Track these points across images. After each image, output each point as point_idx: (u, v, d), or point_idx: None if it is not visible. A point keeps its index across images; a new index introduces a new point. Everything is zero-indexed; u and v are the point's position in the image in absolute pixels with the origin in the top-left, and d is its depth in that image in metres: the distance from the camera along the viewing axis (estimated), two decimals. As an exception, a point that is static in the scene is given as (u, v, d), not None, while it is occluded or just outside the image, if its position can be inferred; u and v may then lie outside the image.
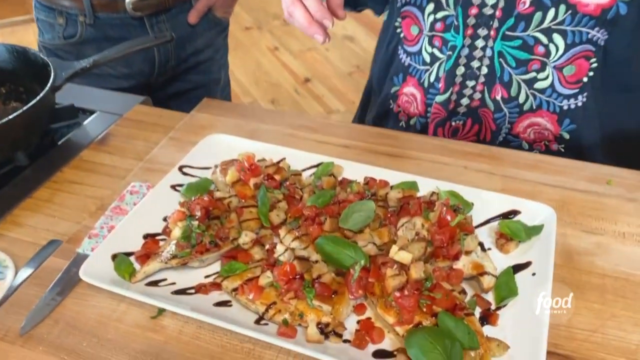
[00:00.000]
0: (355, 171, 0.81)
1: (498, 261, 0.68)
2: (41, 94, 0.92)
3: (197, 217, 0.68)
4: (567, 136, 0.93)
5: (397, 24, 1.01)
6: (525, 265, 0.67)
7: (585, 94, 0.88)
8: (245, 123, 0.97)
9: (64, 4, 1.40)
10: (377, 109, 1.14)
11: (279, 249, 0.65)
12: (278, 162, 0.84)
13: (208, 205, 0.69)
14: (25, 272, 0.73)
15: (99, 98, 1.14)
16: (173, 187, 0.80)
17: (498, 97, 0.92)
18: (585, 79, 0.87)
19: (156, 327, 0.62)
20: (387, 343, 0.60)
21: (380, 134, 0.94)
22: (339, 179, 0.81)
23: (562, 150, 0.94)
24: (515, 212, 0.74)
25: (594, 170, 0.84)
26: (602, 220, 0.75)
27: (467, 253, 0.66)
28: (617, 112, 0.89)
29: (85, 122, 1.06)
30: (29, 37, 4.51)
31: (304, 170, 0.84)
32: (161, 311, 0.63)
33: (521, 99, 0.91)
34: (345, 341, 0.60)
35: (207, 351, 0.60)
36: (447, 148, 0.89)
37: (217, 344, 0.60)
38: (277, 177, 0.78)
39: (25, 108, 0.87)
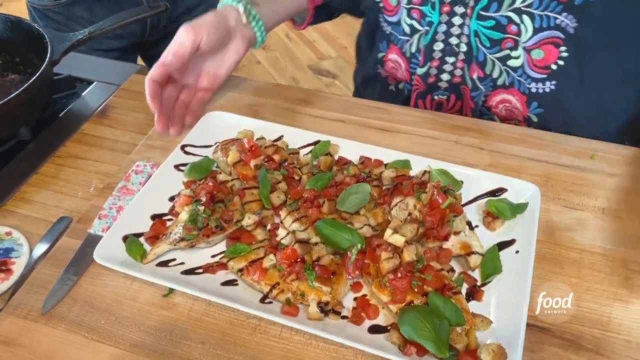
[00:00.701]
0: (350, 149, 0.85)
1: (484, 238, 0.73)
2: (40, 70, 0.93)
3: (202, 201, 0.71)
4: (535, 119, 0.97)
5: None
6: (510, 242, 0.73)
7: (553, 82, 0.90)
8: (243, 97, 0.99)
9: (53, -40, 1.37)
10: (365, 70, 1.15)
11: (281, 232, 0.69)
12: (276, 140, 0.87)
13: (212, 189, 0.73)
14: (39, 249, 0.77)
15: (95, 67, 1.15)
16: (177, 166, 0.83)
17: (474, 76, 0.95)
18: (554, 67, 0.89)
19: (168, 304, 0.67)
20: (382, 319, 0.65)
21: (375, 107, 0.96)
22: (336, 157, 0.84)
23: None
24: (502, 190, 0.78)
25: (578, 145, 0.88)
26: (583, 195, 0.80)
27: (456, 233, 0.71)
28: (601, 112, 0.92)
29: (84, 93, 1.07)
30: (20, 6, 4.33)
31: (301, 148, 0.87)
32: (172, 290, 0.68)
33: (495, 74, 0.94)
34: (344, 317, 0.65)
35: (217, 327, 0.65)
36: (438, 122, 0.93)
37: (225, 320, 0.66)
38: (276, 157, 0.81)
39: (26, 85, 0.89)
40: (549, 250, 0.73)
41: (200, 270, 0.70)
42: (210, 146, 0.86)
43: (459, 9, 0.90)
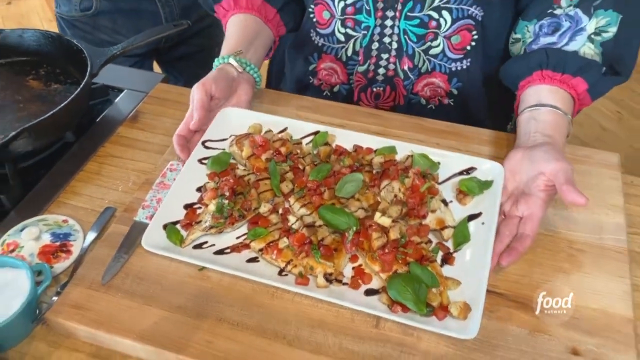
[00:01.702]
0: (345, 137, 1.02)
1: (457, 211, 0.90)
2: (83, 82, 1.09)
3: (226, 195, 0.88)
4: (455, 92, 1.17)
5: (310, 9, 1.19)
6: (478, 215, 0.89)
7: (469, 59, 1.12)
8: (253, 104, 1.15)
9: (81, -23, 1.53)
10: (294, 84, 1.33)
11: (292, 219, 0.86)
12: (282, 131, 1.03)
13: (233, 184, 0.90)
14: (91, 235, 0.94)
15: (125, 76, 1.31)
16: (200, 161, 0.99)
17: (405, 68, 1.15)
18: (468, 47, 1.10)
19: (203, 277, 0.84)
20: (375, 283, 0.82)
21: (370, 114, 1.14)
22: (333, 146, 1.01)
23: (452, 104, 1.19)
24: (472, 169, 0.96)
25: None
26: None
27: (433, 211, 0.89)
28: (495, 76, 1.11)
29: (116, 100, 1.23)
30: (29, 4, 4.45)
31: (303, 137, 1.03)
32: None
33: (420, 64, 1.14)
34: (344, 284, 0.82)
35: (242, 294, 0.81)
36: (423, 127, 1.09)
37: (249, 289, 0.82)
38: (283, 149, 0.98)
39: (72, 96, 1.05)
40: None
41: (229, 251, 0.86)
42: (226, 139, 1.02)
43: (390, 13, 1.09)
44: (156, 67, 1.83)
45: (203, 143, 1.01)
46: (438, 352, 0.75)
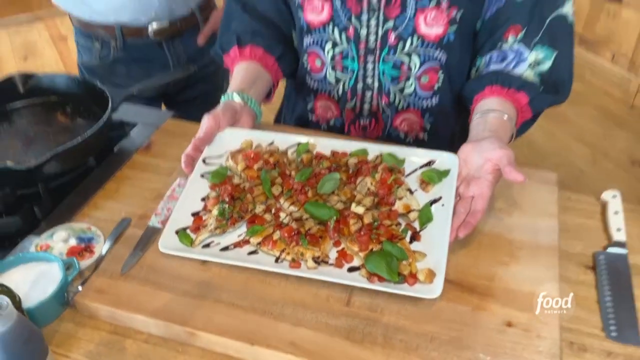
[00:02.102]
0: (324, 145, 1.21)
1: (421, 197, 1.08)
2: (105, 116, 1.27)
3: (226, 201, 1.06)
4: (428, 126, 1.37)
5: (304, 59, 1.41)
6: (438, 199, 1.07)
7: (437, 96, 1.33)
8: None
9: (100, 32, 1.77)
10: (294, 121, 1.54)
11: (282, 215, 1.05)
12: (270, 144, 1.22)
13: (232, 191, 1.08)
14: (111, 239, 1.11)
15: (138, 112, 1.51)
16: (202, 175, 1.17)
17: (384, 104, 1.36)
18: (436, 86, 1.31)
19: (205, 269, 1.01)
20: (355, 262, 0.99)
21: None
22: (314, 153, 1.20)
23: (427, 138, 1.39)
24: (432, 162, 1.14)
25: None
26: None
27: (400, 198, 1.07)
28: (463, 110, 1.31)
29: (131, 132, 1.43)
30: (32, 36, 4.78)
31: (288, 148, 1.22)
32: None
33: (396, 102, 1.35)
34: (330, 264, 0.98)
35: (237, 282, 0.97)
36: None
37: (244, 277, 0.97)
38: (271, 160, 1.16)
39: (96, 129, 1.23)
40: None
41: (232, 247, 1.03)
42: (222, 155, 1.20)
43: (370, 58, 1.31)
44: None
45: (203, 160, 1.19)
46: (397, 323, 0.92)
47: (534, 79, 1.20)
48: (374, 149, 1.19)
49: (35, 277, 0.99)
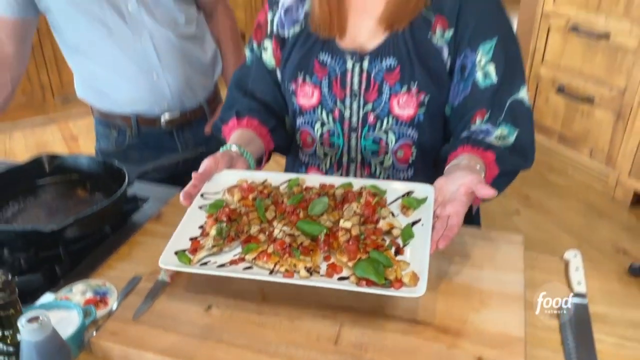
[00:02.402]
0: (313, 181, 1.35)
1: (402, 220, 1.21)
2: (121, 190, 1.44)
3: (224, 221, 1.19)
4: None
5: (297, 137, 1.62)
6: (418, 221, 1.20)
7: (412, 169, 1.51)
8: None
9: (118, 122, 1.99)
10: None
11: (276, 231, 1.16)
12: (263, 182, 1.35)
13: (229, 214, 1.21)
14: (123, 293, 1.24)
15: (150, 189, 1.68)
16: (200, 207, 1.29)
17: (366, 174, 1.55)
18: (410, 159, 1.50)
19: (207, 315, 1.13)
20: (345, 273, 1.09)
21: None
22: (304, 187, 1.33)
23: None
24: (411, 192, 1.28)
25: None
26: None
27: (384, 218, 1.20)
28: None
29: (144, 205, 1.59)
30: (46, 137, 5.07)
31: (280, 184, 1.36)
32: (210, 306, 1.14)
33: (377, 173, 1.54)
34: (322, 275, 1.09)
35: (236, 324, 1.09)
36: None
37: (242, 319, 1.10)
38: (265, 191, 1.30)
39: (113, 200, 1.40)
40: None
41: (228, 264, 1.13)
42: (219, 192, 1.33)
43: (353, 135, 1.51)
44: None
45: (202, 195, 1.32)
46: (381, 359, 1.02)
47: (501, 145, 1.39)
48: (358, 182, 1.34)
49: (55, 321, 1.10)
